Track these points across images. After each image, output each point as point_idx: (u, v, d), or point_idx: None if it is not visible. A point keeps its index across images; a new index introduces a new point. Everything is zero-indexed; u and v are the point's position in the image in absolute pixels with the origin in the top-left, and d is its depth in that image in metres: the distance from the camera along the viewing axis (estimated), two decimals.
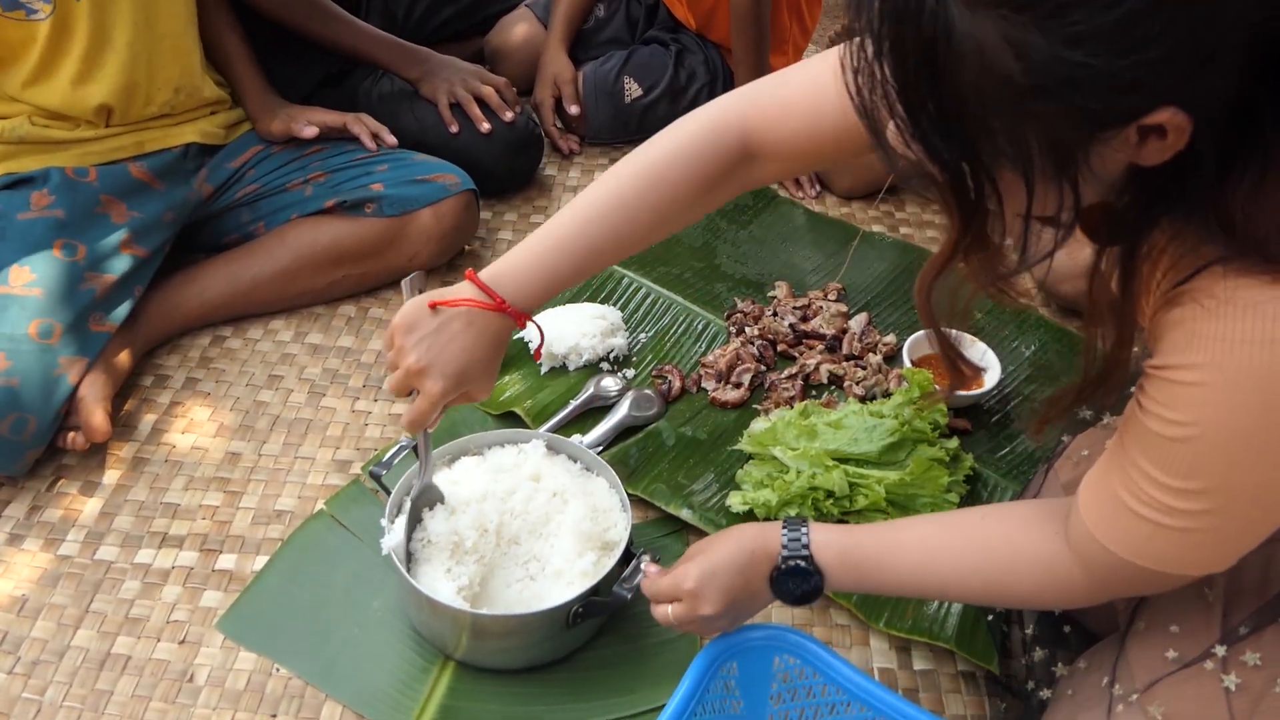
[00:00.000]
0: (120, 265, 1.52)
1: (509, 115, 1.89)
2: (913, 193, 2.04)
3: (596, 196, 1.10)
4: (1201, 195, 0.73)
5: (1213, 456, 0.77)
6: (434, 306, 1.07)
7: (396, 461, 1.27)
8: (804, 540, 1.00)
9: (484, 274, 1.08)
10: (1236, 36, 0.63)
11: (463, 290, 1.08)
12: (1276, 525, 0.82)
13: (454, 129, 1.87)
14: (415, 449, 1.22)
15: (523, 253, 1.10)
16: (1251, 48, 0.64)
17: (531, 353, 1.55)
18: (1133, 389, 0.85)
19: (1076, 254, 1.61)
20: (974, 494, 1.41)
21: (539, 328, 1.20)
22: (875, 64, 0.70)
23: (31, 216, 1.47)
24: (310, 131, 1.68)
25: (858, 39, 0.71)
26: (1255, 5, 0.62)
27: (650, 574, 1.08)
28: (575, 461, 1.32)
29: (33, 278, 1.42)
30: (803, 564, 1.00)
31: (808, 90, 1.06)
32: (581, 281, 1.17)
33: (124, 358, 1.52)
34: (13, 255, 1.43)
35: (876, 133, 0.74)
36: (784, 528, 1.02)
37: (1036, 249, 0.77)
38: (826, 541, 1.00)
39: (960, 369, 0.95)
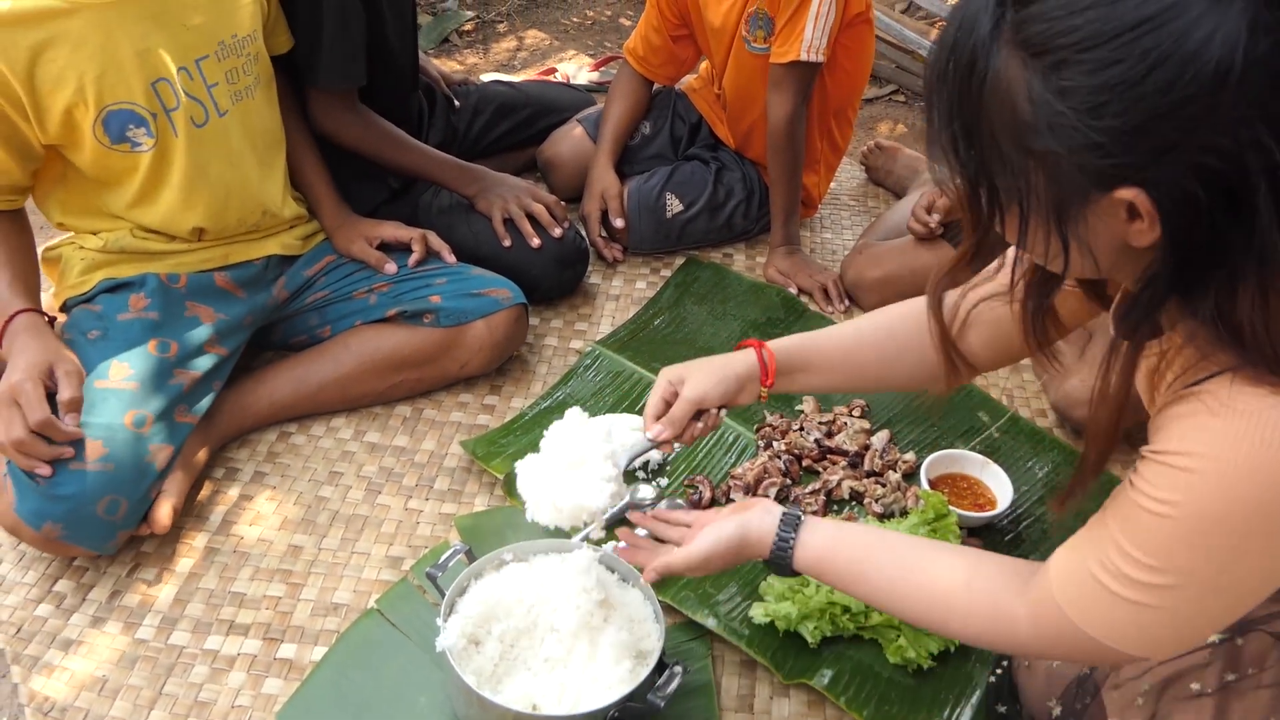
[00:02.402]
0: (204, 363, 1.67)
1: (558, 231, 2.04)
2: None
3: (847, 335, 1.34)
4: (1202, 295, 0.82)
5: (1186, 539, 0.84)
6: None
7: (451, 564, 1.38)
8: (790, 546, 1.17)
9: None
10: (1195, 142, 0.74)
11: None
12: (1224, 623, 0.92)
13: (507, 243, 2.01)
14: (468, 553, 1.37)
15: (797, 338, 1.35)
16: (1212, 156, 0.74)
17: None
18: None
19: (1092, 380, 1.72)
20: None
21: (768, 380, 1.36)
22: (934, 76, 0.85)
23: (130, 317, 1.63)
24: (390, 269, 1.84)
25: (933, 50, 0.86)
26: (1217, 123, 0.73)
27: (673, 517, 1.33)
28: (613, 572, 1.42)
29: (130, 372, 1.56)
30: (784, 560, 1.18)
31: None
32: (808, 380, 1.36)
33: (200, 455, 1.67)
34: (113, 352, 1.58)
35: (930, 140, 0.89)
36: (778, 530, 1.18)
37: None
38: (812, 547, 1.16)
39: (956, 364, 1.10)
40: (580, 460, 1.42)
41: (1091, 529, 0.95)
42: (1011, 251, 1.25)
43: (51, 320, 1.59)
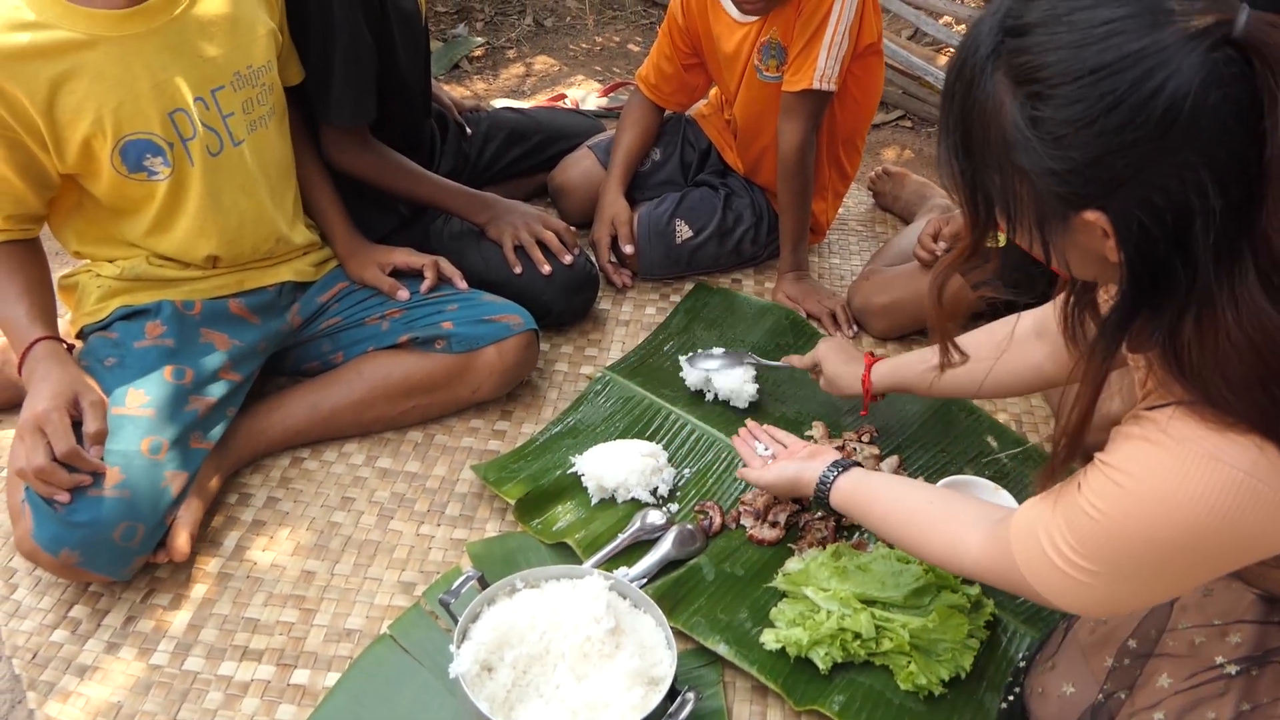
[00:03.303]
0: (219, 389, 1.69)
1: (568, 259, 2.05)
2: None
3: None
4: (1154, 319, 0.91)
5: (1107, 542, 0.97)
6: None
7: (464, 591, 1.39)
8: (829, 485, 1.44)
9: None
10: (1144, 179, 0.82)
11: None
12: (1144, 606, 1.15)
13: (518, 270, 2.03)
14: (481, 579, 1.39)
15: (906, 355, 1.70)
16: (1162, 195, 0.82)
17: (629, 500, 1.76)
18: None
19: (1103, 407, 1.73)
20: (994, 640, 1.51)
21: (868, 397, 1.76)
22: (947, 83, 0.95)
23: (146, 345, 1.64)
24: (402, 296, 1.86)
25: (950, 71, 0.94)
26: (1168, 164, 0.81)
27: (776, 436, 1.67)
28: (624, 598, 1.43)
29: (147, 399, 1.58)
30: (823, 495, 1.46)
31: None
32: (918, 392, 1.70)
33: (215, 481, 1.68)
34: (129, 379, 1.60)
35: (939, 139, 0.99)
36: (822, 472, 1.46)
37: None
38: (841, 488, 1.43)
39: (948, 350, 1.22)
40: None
41: (1046, 502, 1.06)
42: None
43: (69, 348, 1.61)
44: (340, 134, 1.92)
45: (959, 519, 1.24)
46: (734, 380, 1.90)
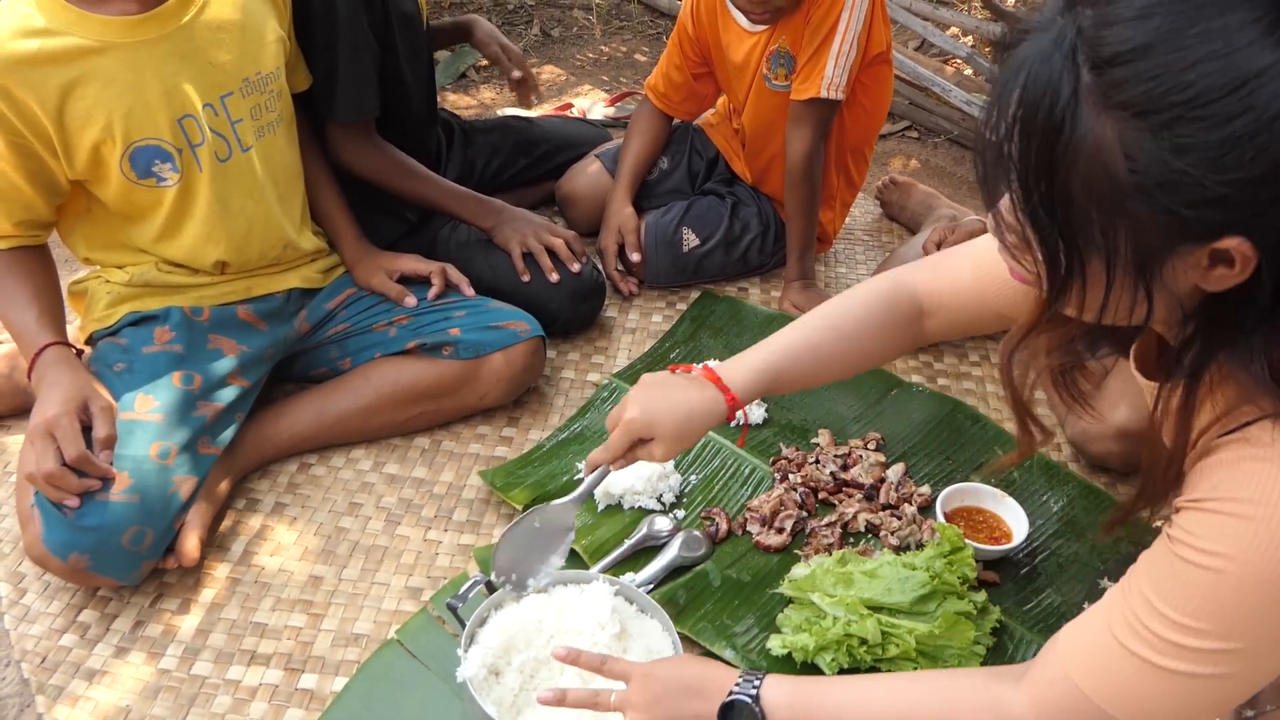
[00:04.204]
0: (228, 395, 1.69)
1: (576, 267, 2.06)
2: (951, 345, 2.16)
3: (807, 327, 1.36)
4: (1255, 339, 0.81)
5: (1237, 594, 0.79)
6: (673, 370, 1.34)
7: (471, 595, 1.40)
8: (755, 692, 1.10)
9: (713, 364, 1.35)
10: None
11: (698, 368, 1.31)
12: (1259, 688, 0.85)
13: (526, 278, 2.03)
14: (488, 584, 1.39)
15: (747, 357, 1.35)
16: None
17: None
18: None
19: (1108, 416, 1.73)
20: (1000, 646, 1.51)
21: (745, 414, 1.39)
22: (1004, 140, 0.83)
23: (155, 350, 1.65)
24: (410, 302, 1.87)
25: (992, 114, 0.84)
26: None
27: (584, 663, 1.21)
28: (631, 603, 1.44)
29: (155, 405, 1.59)
30: (748, 699, 1.10)
31: (953, 272, 1.31)
32: (786, 390, 1.40)
33: (223, 487, 1.69)
34: (138, 384, 1.60)
35: (990, 201, 0.88)
36: (739, 676, 1.13)
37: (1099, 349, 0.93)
38: (774, 699, 1.10)
39: (1029, 428, 1.07)
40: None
41: (1112, 595, 0.91)
42: (979, 244, 1.30)
43: (79, 353, 1.62)
44: (347, 132, 1.93)
45: (975, 691, 1.02)
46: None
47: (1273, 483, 0.79)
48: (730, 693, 1.12)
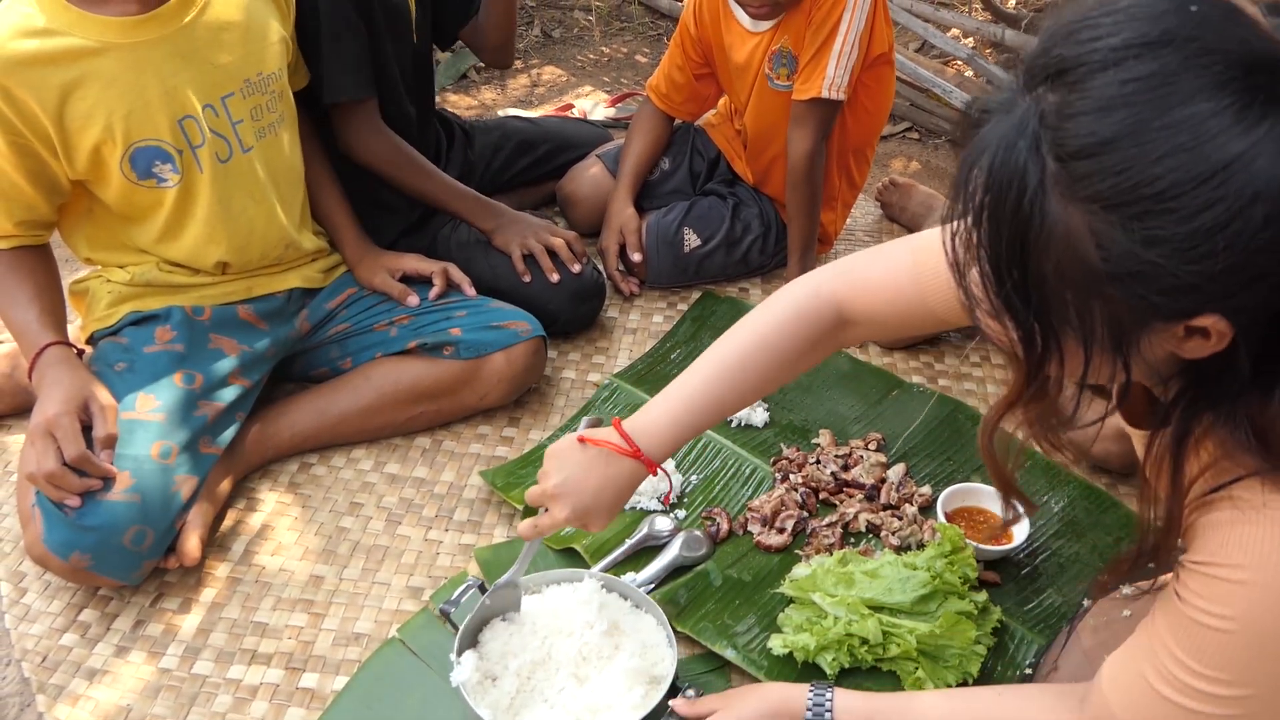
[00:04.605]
0: (228, 394, 1.69)
1: (576, 267, 2.06)
2: (951, 345, 2.17)
3: (717, 358, 1.29)
4: (1239, 402, 0.83)
5: (1248, 651, 0.84)
6: (582, 441, 1.25)
7: (464, 599, 1.40)
8: (828, 706, 1.14)
9: (627, 423, 1.27)
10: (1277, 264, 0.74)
11: (609, 435, 1.25)
12: None
13: (527, 279, 2.03)
14: (481, 587, 1.39)
15: (661, 406, 1.28)
16: None
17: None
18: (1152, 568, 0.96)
19: (1108, 418, 1.73)
20: (1001, 646, 1.51)
21: (669, 476, 1.34)
22: (973, 228, 0.83)
23: (156, 350, 1.65)
24: (412, 301, 1.87)
25: (959, 198, 0.83)
26: None
27: (679, 710, 1.23)
28: (625, 599, 1.44)
29: (156, 404, 1.59)
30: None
31: (887, 274, 1.24)
32: (707, 429, 1.33)
33: (224, 486, 1.69)
34: (139, 384, 1.61)
35: (964, 286, 0.87)
36: (810, 693, 1.15)
37: (1086, 414, 0.90)
38: (848, 709, 1.13)
39: (1013, 503, 1.08)
40: None
41: (1142, 639, 0.95)
42: (919, 244, 1.25)
43: (80, 353, 1.62)
44: (350, 116, 1.93)
45: (1040, 707, 1.07)
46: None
47: (1261, 546, 0.83)
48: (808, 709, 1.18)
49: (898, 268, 1.23)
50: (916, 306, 1.22)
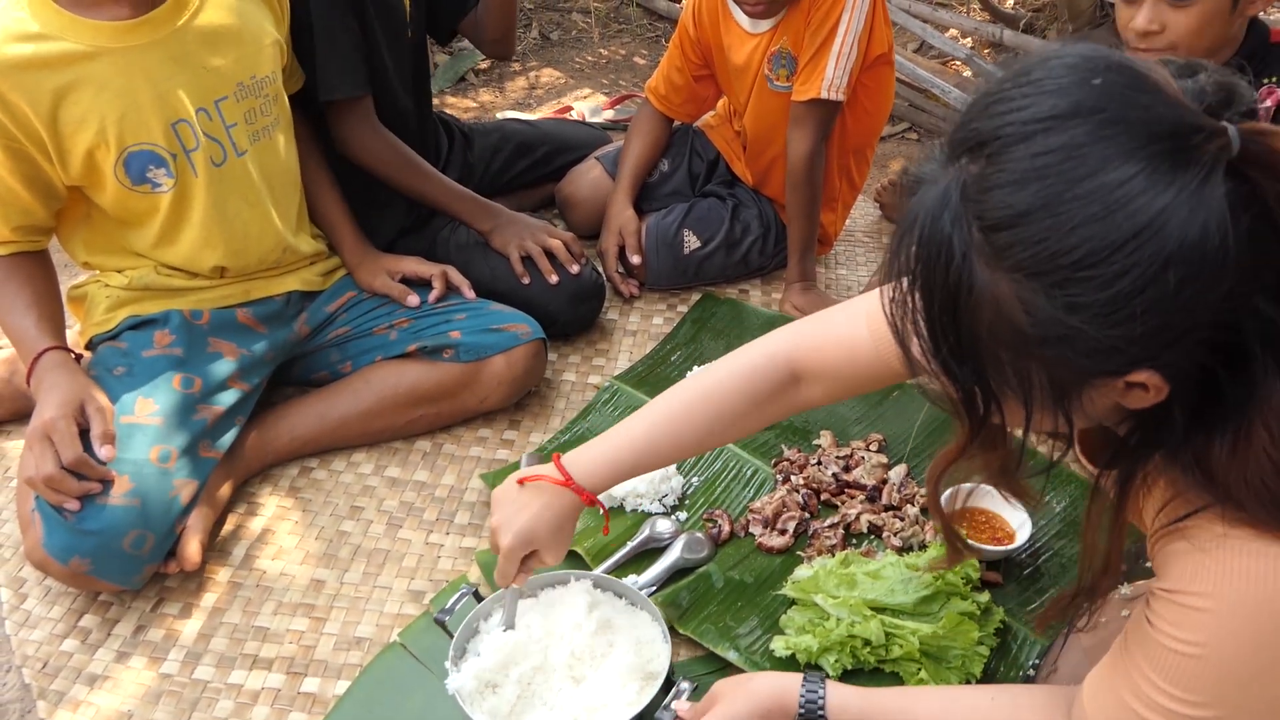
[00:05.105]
0: (228, 398, 1.69)
1: (575, 268, 2.06)
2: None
3: (664, 406, 1.31)
4: (1184, 444, 0.85)
5: (1216, 674, 0.87)
6: (520, 483, 1.29)
7: (459, 607, 1.39)
8: (820, 703, 1.14)
9: (565, 457, 1.30)
10: (1204, 321, 0.76)
11: (546, 469, 1.29)
12: None
13: (526, 280, 2.03)
14: (475, 594, 1.40)
15: (600, 444, 1.32)
16: (1215, 329, 0.77)
17: (637, 511, 1.71)
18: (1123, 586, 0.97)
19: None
20: (1004, 646, 1.50)
21: (603, 507, 1.36)
22: (908, 296, 0.85)
23: (155, 354, 1.65)
24: (413, 302, 1.87)
25: (893, 267, 0.85)
26: (1219, 301, 0.75)
27: (680, 713, 1.23)
28: (621, 598, 1.44)
29: (155, 408, 1.59)
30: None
31: (845, 333, 1.25)
32: (644, 472, 1.36)
33: (224, 490, 1.69)
34: (138, 387, 1.60)
35: (905, 348, 0.89)
36: (803, 685, 1.15)
37: (1033, 460, 0.93)
38: (842, 705, 1.14)
39: (956, 546, 1.14)
40: None
41: (1118, 661, 0.97)
42: (874, 302, 1.24)
43: (78, 358, 1.61)
44: (346, 114, 1.93)
45: (1032, 712, 1.08)
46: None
47: (1222, 575, 0.85)
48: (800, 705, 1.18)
49: (854, 324, 1.25)
50: (874, 361, 1.23)
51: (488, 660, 1.33)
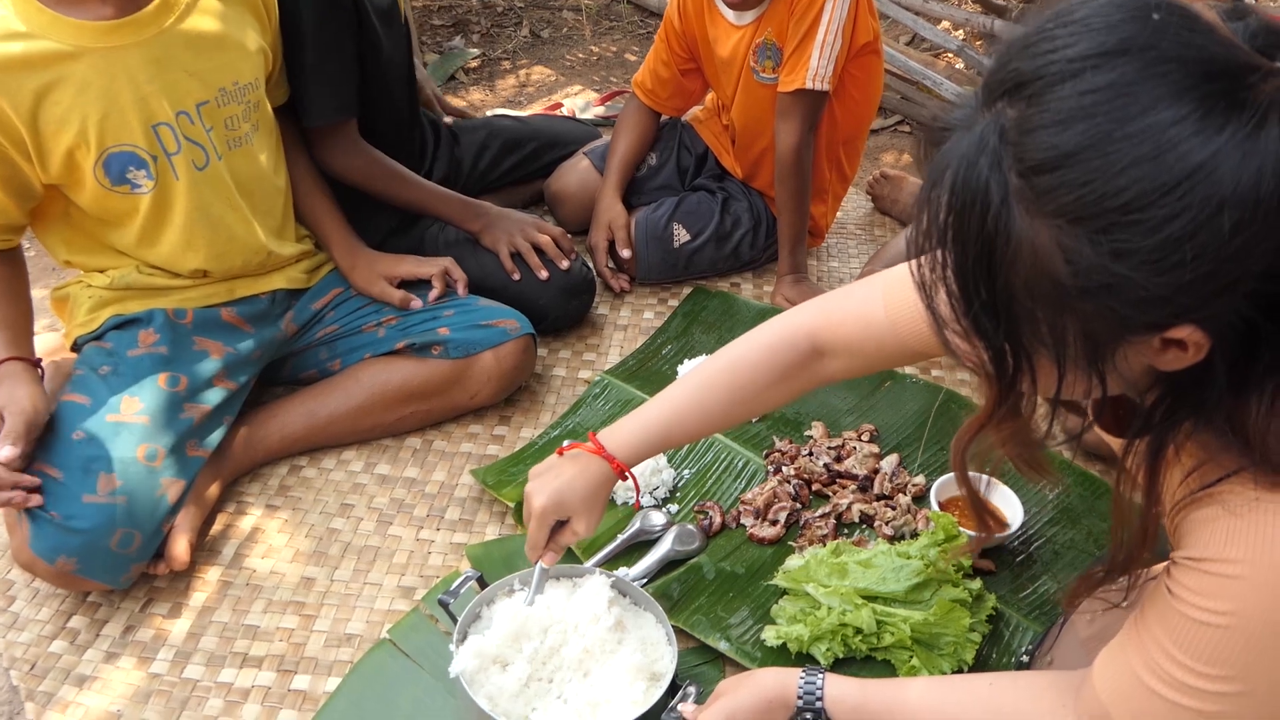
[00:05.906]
0: (214, 397, 1.68)
1: (565, 263, 2.05)
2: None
3: (691, 380, 1.36)
4: (1219, 406, 0.81)
5: (1245, 646, 0.83)
6: (560, 452, 1.37)
7: (463, 591, 1.39)
8: (818, 694, 1.13)
9: (600, 433, 1.36)
10: (1255, 270, 0.72)
11: (583, 442, 1.34)
12: None
13: (516, 277, 2.02)
14: (480, 580, 1.39)
15: (631, 419, 1.37)
16: (1262, 279, 0.73)
17: (631, 505, 1.71)
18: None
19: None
20: (996, 634, 1.50)
21: (634, 480, 1.41)
22: (939, 248, 0.81)
23: (140, 353, 1.64)
24: (416, 306, 1.87)
25: (923, 219, 0.82)
26: (1271, 250, 0.72)
27: (686, 715, 1.22)
28: (625, 596, 1.43)
29: (141, 406, 1.58)
30: (816, 716, 1.14)
31: (864, 310, 1.26)
32: (674, 445, 1.40)
33: (213, 490, 1.68)
34: (124, 387, 1.60)
35: (931, 307, 0.86)
36: (801, 677, 1.15)
37: (1061, 429, 0.89)
38: (840, 696, 1.13)
39: (987, 521, 1.08)
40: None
41: (1132, 634, 0.94)
42: (892, 279, 1.25)
43: (38, 363, 1.59)
44: (327, 136, 1.92)
45: (1034, 697, 1.05)
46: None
47: (1257, 540, 0.81)
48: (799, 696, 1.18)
49: (871, 299, 1.25)
50: (889, 337, 1.23)
51: (499, 630, 1.32)
